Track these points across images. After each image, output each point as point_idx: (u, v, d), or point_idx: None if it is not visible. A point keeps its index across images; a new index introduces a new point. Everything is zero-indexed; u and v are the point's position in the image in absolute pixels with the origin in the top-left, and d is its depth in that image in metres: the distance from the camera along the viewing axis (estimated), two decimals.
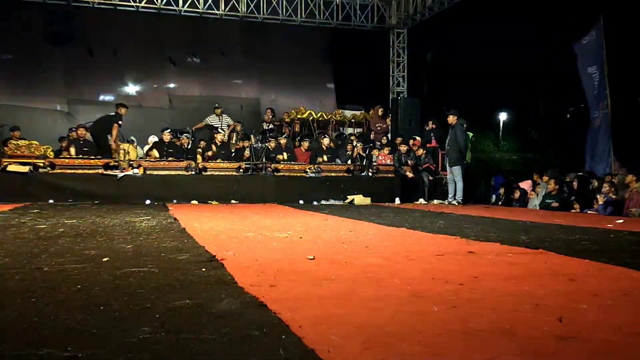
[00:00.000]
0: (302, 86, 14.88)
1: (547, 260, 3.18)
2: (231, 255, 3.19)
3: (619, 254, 3.42)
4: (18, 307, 1.93)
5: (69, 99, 13.17)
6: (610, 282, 2.53)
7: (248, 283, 2.35)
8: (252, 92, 14.59)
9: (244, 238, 4.17)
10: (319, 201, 9.91)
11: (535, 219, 6.37)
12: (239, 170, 10.17)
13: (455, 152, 9.64)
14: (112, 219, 5.71)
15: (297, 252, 3.40)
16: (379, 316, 1.85)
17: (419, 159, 10.96)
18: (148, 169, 9.70)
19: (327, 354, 1.45)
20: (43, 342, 1.52)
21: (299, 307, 1.94)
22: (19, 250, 3.36)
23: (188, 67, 14.11)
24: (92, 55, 13.34)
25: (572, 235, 4.60)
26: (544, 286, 2.39)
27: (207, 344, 1.53)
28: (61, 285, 2.31)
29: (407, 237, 4.42)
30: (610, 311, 1.97)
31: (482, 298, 2.15)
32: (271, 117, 12.65)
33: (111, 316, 1.81)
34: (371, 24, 13.83)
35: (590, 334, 1.67)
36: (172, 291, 2.20)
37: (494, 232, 4.84)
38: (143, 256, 3.14)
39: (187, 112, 13.58)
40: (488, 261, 3.13)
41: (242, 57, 14.36)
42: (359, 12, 13.65)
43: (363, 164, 10.83)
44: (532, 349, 1.52)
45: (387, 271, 2.75)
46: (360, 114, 13.41)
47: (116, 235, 4.21)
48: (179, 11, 12.45)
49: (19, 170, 9.03)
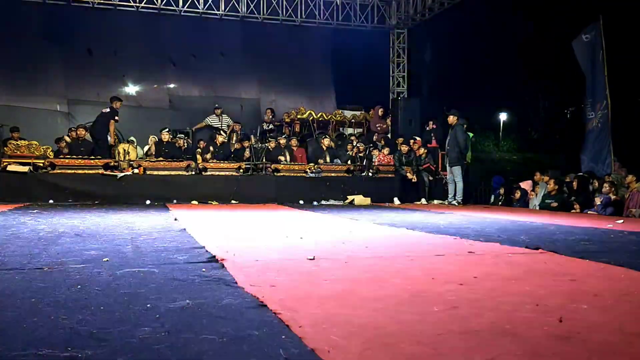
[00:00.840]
0: (302, 86, 14.87)
1: (547, 260, 3.18)
2: (231, 255, 3.19)
3: (619, 254, 3.42)
4: (18, 307, 1.93)
5: (69, 99, 13.15)
6: (610, 282, 2.53)
7: (248, 283, 2.35)
8: (252, 92, 14.58)
9: (244, 238, 4.17)
10: (319, 201, 9.91)
11: (535, 219, 6.37)
12: (239, 170, 10.17)
13: (455, 152, 9.64)
14: (112, 219, 5.71)
15: (297, 252, 3.40)
16: (379, 316, 1.85)
17: (419, 159, 10.96)
18: (148, 169, 9.70)
19: (327, 354, 1.45)
20: (43, 342, 1.52)
21: (299, 307, 1.94)
22: (19, 250, 3.36)
23: (188, 67, 14.09)
24: (91, 55, 13.34)
25: (572, 235, 4.60)
26: (544, 286, 2.39)
27: (207, 344, 1.53)
28: (61, 285, 2.31)
29: (407, 237, 4.42)
30: (610, 311, 1.97)
31: (482, 298, 2.15)
32: (271, 117, 12.65)
33: (111, 316, 1.81)
34: (371, 24, 13.83)
35: (590, 334, 1.67)
36: (172, 291, 2.20)
37: (494, 232, 4.84)
38: (143, 256, 3.13)
39: (187, 112, 13.57)
40: (488, 261, 3.13)
41: (242, 57, 14.35)
42: (359, 12, 13.65)
43: (363, 164, 10.83)
44: (532, 349, 1.52)
45: (387, 271, 2.75)
46: (360, 114, 13.40)
47: (116, 235, 4.21)
48: (179, 11, 12.45)
49: (19, 170, 9.04)
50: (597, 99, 10.49)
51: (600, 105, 10.41)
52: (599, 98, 10.44)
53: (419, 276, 2.62)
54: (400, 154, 11.00)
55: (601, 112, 10.41)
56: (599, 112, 10.44)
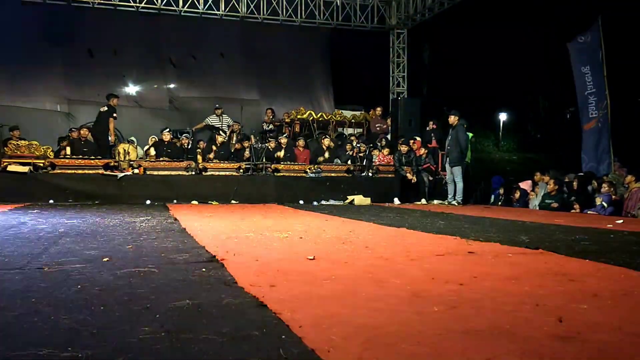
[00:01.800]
0: (302, 86, 14.88)
1: (547, 260, 3.18)
2: (231, 255, 3.19)
3: (618, 254, 3.42)
4: (18, 307, 1.93)
5: (69, 99, 13.16)
6: (610, 282, 2.53)
7: (248, 283, 2.35)
8: (252, 93, 14.59)
9: (244, 238, 4.17)
10: (319, 201, 9.91)
11: (535, 219, 6.37)
12: (239, 170, 10.17)
13: (456, 153, 9.64)
14: (112, 219, 5.71)
15: (297, 252, 3.40)
16: (379, 316, 1.85)
17: (419, 159, 10.96)
18: (148, 169, 9.70)
19: (327, 354, 1.45)
20: (43, 342, 1.52)
21: (299, 307, 1.94)
22: (19, 250, 3.36)
23: (188, 67, 14.10)
24: (92, 56, 13.34)
25: (572, 235, 4.59)
26: (544, 286, 2.39)
27: (207, 344, 1.53)
28: (61, 285, 2.31)
29: (407, 237, 4.42)
30: (610, 311, 1.97)
31: (482, 298, 2.15)
32: (271, 117, 12.65)
33: (111, 316, 1.81)
34: (371, 25, 13.83)
35: (590, 334, 1.67)
36: (172, 291, 2.20)
37: (494, 232, 4.84)
38: (143, 256, 3.14)
39: (187, 113, 13.59)
40: (488, 261, 3.13)
41: (242, 57, 14.36)
42: (359, 12, 13.65)
43: (363, 164, 10.83)
44: (532, 349, 1.52)
45: (387, 271, 2.75)
46: (360, 114, 13.41)
47: (116, 235, 4.21)
48: (179, 12, 12.45)
49: (19, 170, 9.04)
50: (595, 98, 10.49)
51: (601, 105, 10.41)
52: (599, 98, 10.43)
53: (419, 276, 2.62)
54: (400, 154, 10.99)
55: (601, 112, 10.40)
56: (600, 112, 10.43)
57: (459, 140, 9.61)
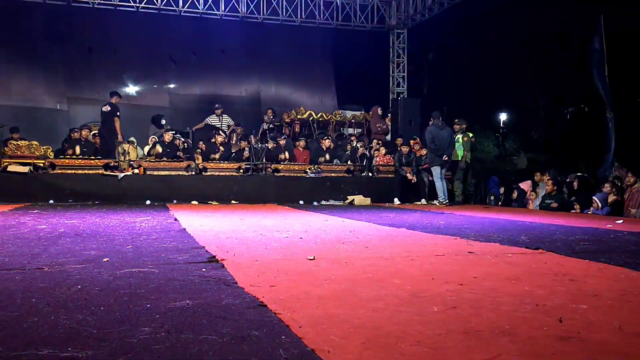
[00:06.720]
0: (302, 86, 14.88)
1: (547, 260, 3.18)
2: (231, 255, 3.19)
3: (618, 254, 3.42)
4: (18, 307, 1.93)
5: (69, 98, 13.17)
6: (610, 282, 2.53)
7: (248, 283, 2.35)
8: (252, 93, 14.59)
9: (244, 238, 4.17)
10: (319, 201, 9.91)
11: (535, 219, 6.37)
12: (239, 170, 10.17)
13: (429, 153, 9.78)
14: (112, 219, 5.71)
15: (297, 252, 3.40)
16: (379, 316, 1.85)
17: (419, 160, 10.96)
18: (148, 169, 9.70)
19: (327, 354, 1.45)
20: (43, 342, 1.52)
21: (299, 307, 1.94)
22: (19, 250, 3.36)
23: (188, 67, 14.11)
24: (92, 55, 13.35)
25: (572, 235, 4.59)
26: (544, 286, 2.39)
27: (207, 344, 1.53)
28: (61, 285, 2.31)
29: (407, 237, 4.42)
30: (610, 311, 1.97)
31: (482, 298, 2.15)
32: (271, 117, 12.65)
33: (111, 316, 1.81)
34: (371, 25, 13.83)
35: (590, 334, 1.67)
36: (172, 291, 2.20)
37: (493, 232, 4.84)
38: (143, 256, 3.14)
39: (187, 112, 13.59)
40: (488, 261, 3.13)
41: (242, 57, 14.36)
42: (359, 12, 13.65)
43: (363, 164, 10.83)
44: (532, 349, 1.52)
45: (387, 271, 2.75)
46: (360, 114, 13.41)
47: (116, 235, 4.21)
48: (179, 12, 12.45)
49: (19, 170, 9.04)
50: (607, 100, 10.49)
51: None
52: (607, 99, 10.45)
53: (419, 276, 2.62)
54: (400, 154, 11.00)
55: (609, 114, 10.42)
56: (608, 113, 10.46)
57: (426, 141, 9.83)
